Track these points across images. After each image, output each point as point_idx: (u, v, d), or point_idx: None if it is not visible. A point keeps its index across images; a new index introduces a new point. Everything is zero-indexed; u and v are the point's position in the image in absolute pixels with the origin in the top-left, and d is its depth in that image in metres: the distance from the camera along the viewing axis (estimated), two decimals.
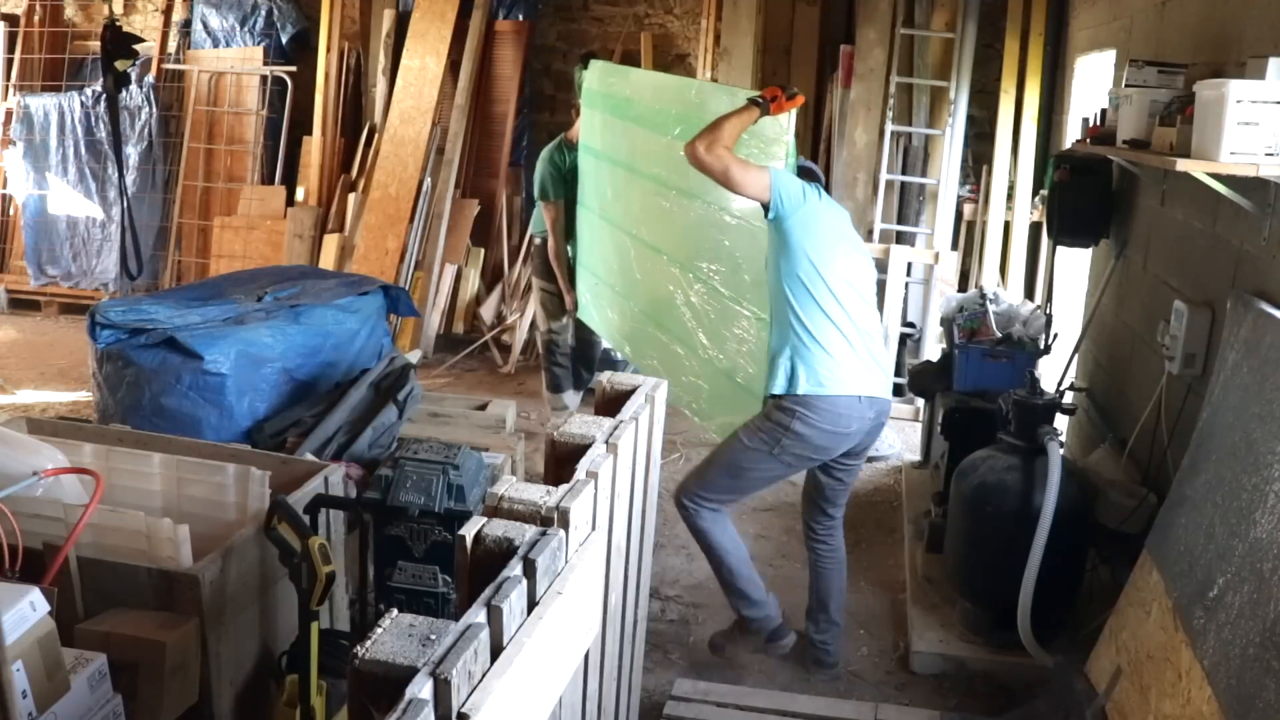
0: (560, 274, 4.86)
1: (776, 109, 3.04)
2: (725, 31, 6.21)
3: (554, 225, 4.79)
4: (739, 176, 2.87)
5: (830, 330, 2.94)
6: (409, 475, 2.46)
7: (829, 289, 2.93)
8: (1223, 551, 2.35)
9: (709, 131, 2.89)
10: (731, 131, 2.91)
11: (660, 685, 3.16)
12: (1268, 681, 2.00)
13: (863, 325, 2.99)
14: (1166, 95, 3.09)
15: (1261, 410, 2.41)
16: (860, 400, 2.96)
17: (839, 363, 2.94)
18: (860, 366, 2.96)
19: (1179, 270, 3.42)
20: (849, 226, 3.16)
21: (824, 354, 2.93)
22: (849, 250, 3.05)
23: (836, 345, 2.95)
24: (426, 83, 6.65)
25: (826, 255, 2.94)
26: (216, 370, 3.45)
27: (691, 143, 2.88)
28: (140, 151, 7.19)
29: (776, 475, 3.16)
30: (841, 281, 2.96)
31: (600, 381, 2.51)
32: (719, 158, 2.85)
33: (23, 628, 1.78)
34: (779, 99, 3.03)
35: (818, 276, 2.92)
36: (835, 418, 2.95)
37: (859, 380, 2.96)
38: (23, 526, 2.10)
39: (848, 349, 2.95)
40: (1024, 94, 5.73)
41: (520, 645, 1.41)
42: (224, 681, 2.30)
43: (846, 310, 2.96)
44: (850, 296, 2.98)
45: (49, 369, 6.10)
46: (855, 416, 2.96)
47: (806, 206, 2.94)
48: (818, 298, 2.93)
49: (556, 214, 4.79)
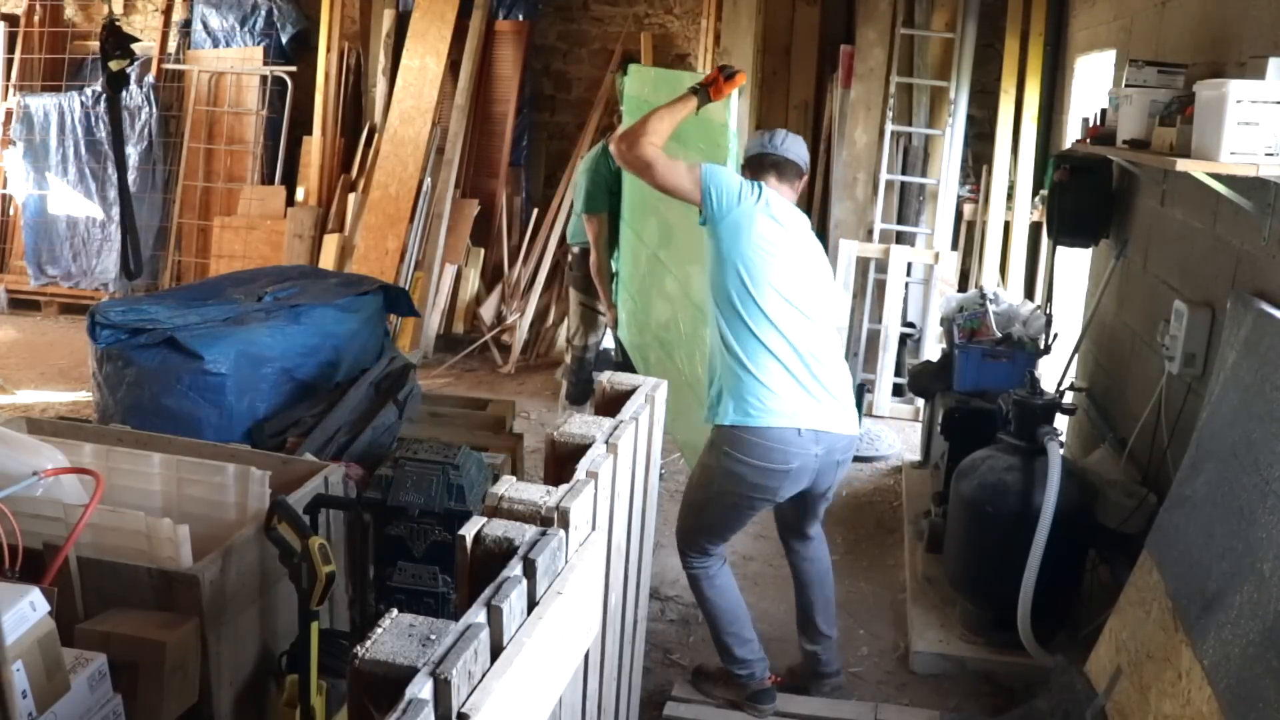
0: (602, 289, 4.55)
1: (716, 94, 2.74)
2: (725, 31, 6.21)
3: (597, 239, 4.48)
4: (663, 173, 2.58)
5: (761, 354, 2.61)
6: (409, 475, 2.47)
7: (759, 306, 2.60)
8: (1223, 551, 2.35)
9: (637, 124, 2.59)
10: (662, 124, 2.61)
11: (660, 685, 3.16)
12: (1268, 681, 2.00)
13: (807, 349, 2.65)
14: (1166, 95, 3.09)
15: (1261, 410, 2.41)
16: (800, 434, 2.63)
17: (772, 391, 2.61)
18: (801, 396, 2.63)
19: (1179, 270, 3.42)
20: (802, 234, 2.75)
21: (754, 381, 2.61)
22: (794, 262, 2.67)
23: (770, 371, 2.61)
24: (426, 83, 6.65)
25: (761, 266, 2.60)
26: (216, 370, 3.45)
27: (616, 138, 2.62)
28: (140, 151, 7.19)
29: (732, 517, 2.84)
30: (777, 298, 2.61)
31: (600, 381, 2.51)
32: (641, 152, 2.55)
33: (23, 628, 1.78)
34: (717, 82, 2.74)
35: (746, 291, 2.60)
36: (766, 451, 2.63)
37: (799, 412, 2.62)
38: (23, 526, 2.09)
39: (784, 376, 2.62)
40: (1024, 94, 5.73)
41: (520, 645, 1.41)
42: (224, 681, 2.30)
43: (783, 331, 2.62)
44: (789, 316, 2.63)
45: (49, 369, 6.09)
46: (795, 452, 2.63)
47: (741, 208, 2.60)
48: (746, 316, 2.61)
49: (600, 227, 4.48)
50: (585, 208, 4.49)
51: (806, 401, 2.64)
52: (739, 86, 2.77)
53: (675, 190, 2.61)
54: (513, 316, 6.62)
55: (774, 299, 2.61)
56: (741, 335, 2.62)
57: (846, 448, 2.78)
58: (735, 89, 2.77)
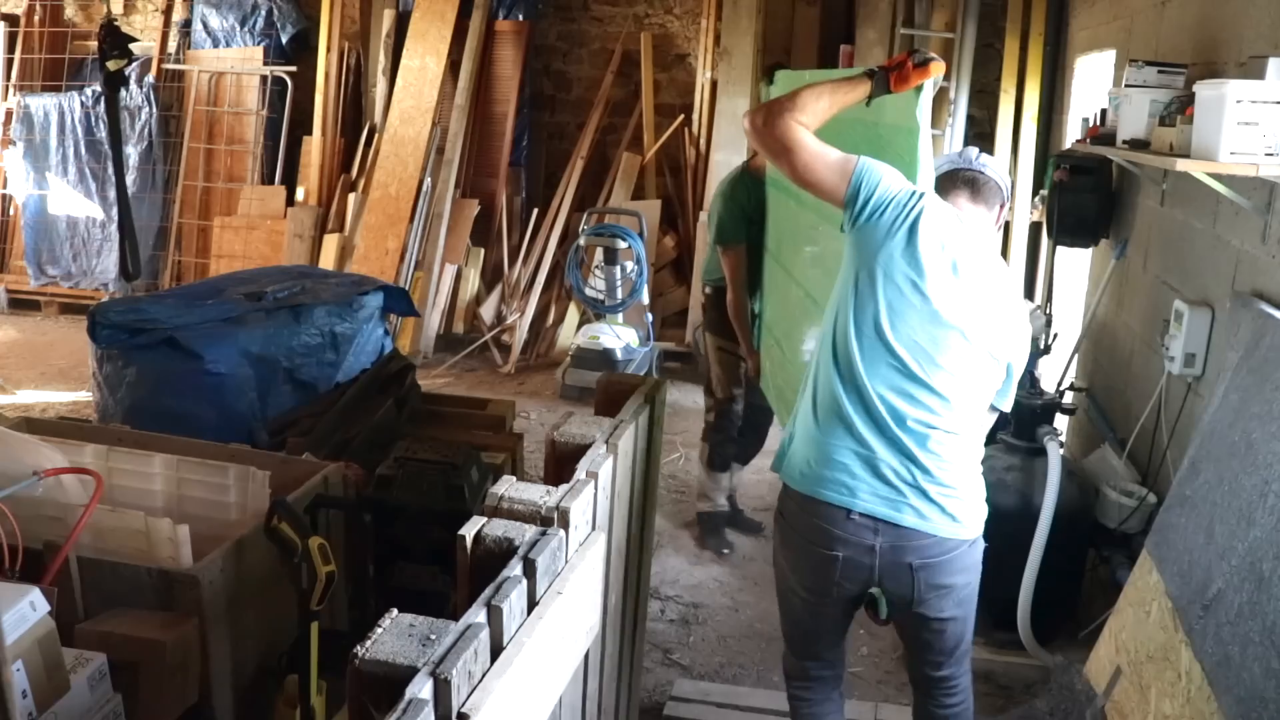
0: (741, 333, 3.91)
1: (899, 82, 2.08)
2: (725, 31, 6.21)
3: (734, 275, 3.84)
4: (808, 159, 1.99)
5: (835, 408, 2.06)
6: (409, 475, 2.47)
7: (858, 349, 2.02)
8: (1223, 551, 2.35)
9: (785, 97, 2.03)
10: (819, 102, 2.02)
11: (660, 685, 3.16)
12: (1268, 681, 2.00)
13: (910, 426, 2.01)
14: (1166, 95, 3.09)
15: (1261, 410, 2.41)
16: (852, 517, 2.04)
17: (830, 458, 2.06)
18: (865, 475, 2.04)
19: (1179, 270, 3.42)
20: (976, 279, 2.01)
21: (815, 435, 2.10)
22: (944, 309, 1.99)
23: (836, 433, 2.06)
24: (426, 83, 6.65)
25: (883, 297, 2.00)
26: (216, 370, 3.45)
27: (752, 111, 2.07)
28: (140, 151, 7.19)
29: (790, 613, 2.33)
30: (892, 348, 2.00)
31: (600, 381, 2.51)
32: (785, 130, 1.97)
33: (23, 628, 1.78)
34: (904, 67, 2.08)
35: (851, 321, 2.03)
36: (810, 526, 2.10)
37: (857, 490, 2.04)
38: (23, 526, 2.09)
39: (851, 446, 2.05)
40: (1024, 94, 5.73)
41: (520, 645, 1.41)
42: (224, 681, 2.30)
43: (877, 393, 2.01)
44: (897, 378, 2.01)
45: (49, 369, 6.09)
46: (840, 537, 2.06)
47: (887, 216, 1.99)
48: (840, 352, 2.06)
49: (737, 261, 3.84)
50: (720, 239, 3.89)
51: (871, 482, 2.04)
52: (932, 78, 2.09)
53: (819, 184, 2.03)
54: (513, 316, 6.62)
55: (883, 346, 2.00)
56: (825, 379, 2.08)
57: (928, 550, 2.06)
58: (928, 80, 2.09)
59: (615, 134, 7.13)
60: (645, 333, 6.08)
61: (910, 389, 2.00)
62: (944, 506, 2.05)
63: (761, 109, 2.04)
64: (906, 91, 2.11)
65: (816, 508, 2.08)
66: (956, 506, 2.06)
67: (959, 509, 2.07)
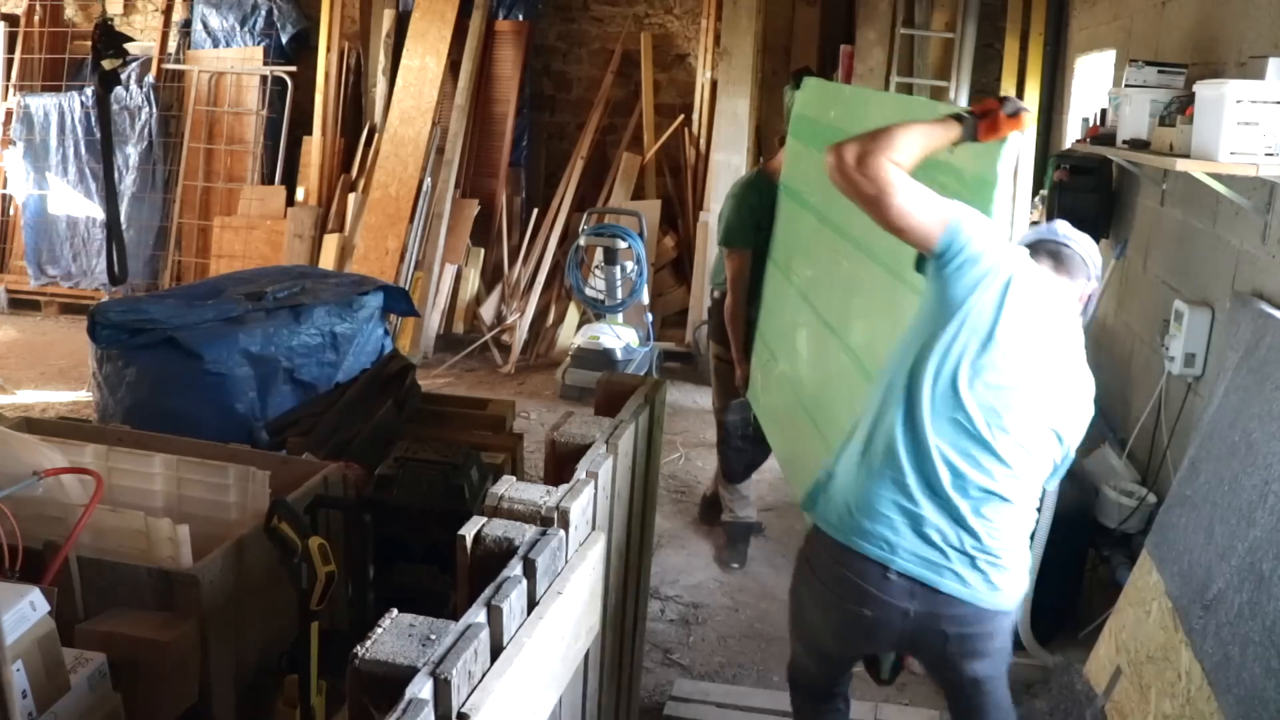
0: (734, 338, 3.79)
1: (988, 131, 1.98)
2: (725, 31, 6.21)
3: (735, 279, 3.74)
4: (904, 203, 1.85)
5: (889, 462, 1.93)
6: (409, 475, 2.47)
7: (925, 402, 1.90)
8: (1223, 551, 2.35)
9: (872, 136, 1.88)
10: (912, 144, 1.90)
11: (660, 685, 3.15)
12: (1268, 681, 2.01)
13: (975, 481, 1.90)
14: (1166, 95, 3.10)
15: (1261, 410, 2.41)
16: (889, 576, 1.93)
17: (876, 510, 1.93)
18: (910, 535, 1.92)
19: (1179, 270, 3.42)
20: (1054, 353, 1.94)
21: (862, 484, 1.96)
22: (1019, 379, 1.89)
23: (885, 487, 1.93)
24: (426, 83, 6.65)
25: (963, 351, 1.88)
26: (216, 370, 3.45)
27: (837, 147, 1.88)
28: (140, 151, 7.19)
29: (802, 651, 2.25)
30: (962, 407, 1.89)
31: (600, 381, 2.50)
32: (880, 172, 1.83)
33: (23, 628, 1.78)
34: (993, 115, 1.97)
35: (923, 372, 1.91)
36: (840, 579, 1.98)
37: (898, 547, 1.92)
38: (23, 527, 2.10)
39: (899, 504, 1.92)
40: (1024, 94, 5.72)
41: (520, 645, 1.41)
42: (224, 681, 2.30)
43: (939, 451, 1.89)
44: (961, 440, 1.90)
45: (49, 369, 6.09)
46: (873, 596, 1.94)
47: (982, 267, 1.87)
48: (902, 401, 1.93)
49: (740, 265, 3.74)
50: (725, 240, 3.79)
51: (914, 542, 1.92)
52: (1020, 130, 1.98)
53: (910, 230, 1.88)
54: (513, 316, 6.62)
55: (955, 401, 1.89)
56: (885, 424, 1.95)
57: (965, 620, 1.96)
58: (1016, 131, 1.98)
59: (615, 134, 7.13)
60: (645, 333, 6.08)
61: (972, 449, 1.90)
62: (988, 575, 1.94)
63: (852, 145, 1.87)
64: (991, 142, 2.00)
65: (851, 559, 1.96)
66: (1000, 576, 1.95)
67: (1002, 579, 1.95)
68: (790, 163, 3.66)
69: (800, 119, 3.61)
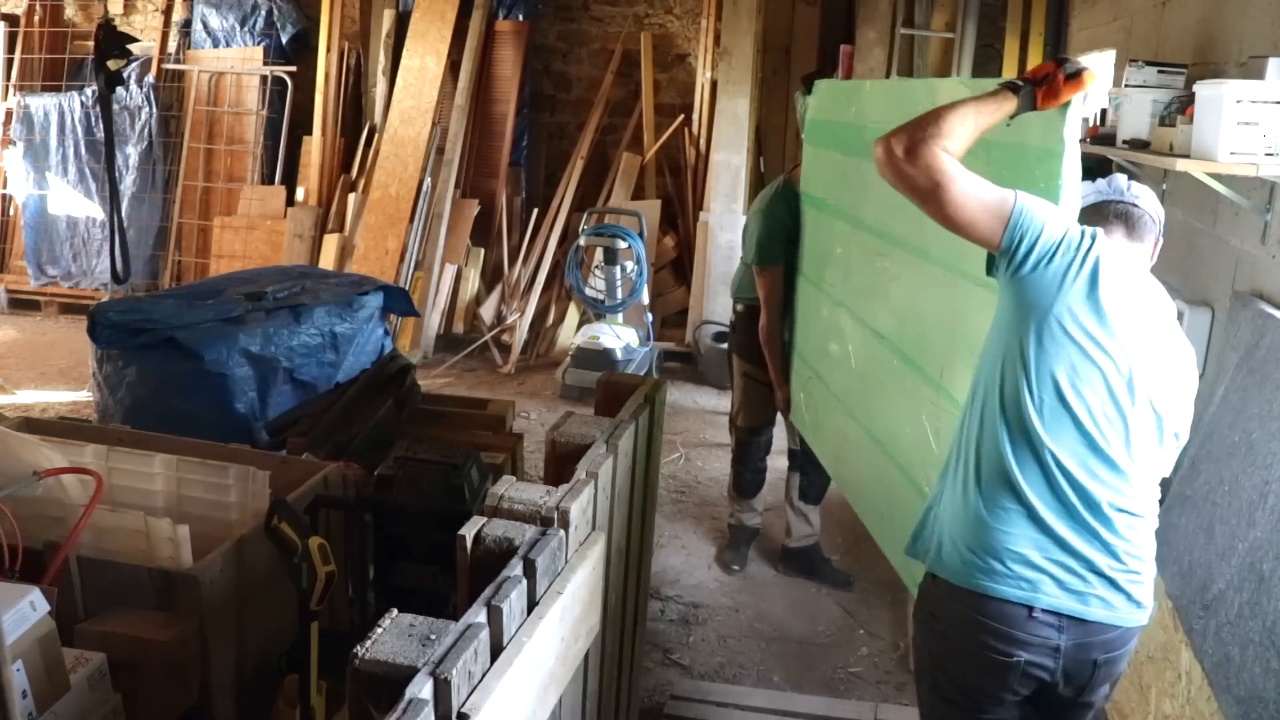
0: (771, 360, 3.64)
1: (1048, 98, 1.81)
2: (725, 31, 6.21)
3: (769, 297, 3.58)
4: (960, 195, 1.69)
5: (1010, 489, 1.78)
6: (409, 475, 2.46)
7: (1036, 420, 1.74)
8: (1223, 551, 2.35)
9: (920, 121, 1.72)
10: (964, 125, 1.73)
11: (660, 685, 3.16)
12: (1268, 681, 2.01)
13: (1097, 502, 1.76)
14: (1166, 95, 3.09)
15: (1261, 410, 2.41)
16: (1034, 615, 1.78)
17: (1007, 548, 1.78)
18: (1049, 564, 1.77)
19: (1179, 270, 3.42)
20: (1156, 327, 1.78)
21: (983, 523, 1.80)
22: (1126, 367, 1.74)
23: (1011, 518, 1.78)
24: (426, 83, 6.65)
25: (1064, 360, 1.72)
26: (216, 370, 3.45)
27: (885, 139, 1.73)
28: (140, 151, 7.20)
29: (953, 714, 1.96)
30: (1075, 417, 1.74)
31: (600, 381, 2.51)
32: (933, 161, 1.68)
33: (23, 628, 1.78)
34: (1052, 78, 1.80)
35: (1026, 391, 1.74)
36: (978, 631, 1.81)
37: (1040, 582, 1.77)
38: (23, 527, 2.10)
39: (1030, 530, 1.77)
40: None
41: (520, 645, 1.41)
42: (224, 681, 2.30)
43: (1063, 467, 1.75)
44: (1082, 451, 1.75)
45: (49, 369, 6.10)
46: (1021, 638, 1.79)
47: (1057, 264, 1.72)
48: (1009, 425, 1.77)
49: (774, 283, 3.57)
50: (758, 259, 3.60)
51: (1056, 573, 1.78)
52: (1084, 91, 1.82)
53: (969, 225, 1.73)
54: (513, 316, 6.62)
55: (1067, 415, 1.74)
56: (992, 451, 1.79)
57: (1114, 643, 1.84)
58: (1080, 93, 1.82)
59: (615, 134, 7.13)
60: (645, 333, 6.08)
61: (1097, 465, 1.76)
62: (1130, 593, 1.82)
63: (900, 135, 1.71)
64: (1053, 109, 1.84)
65: (987, 606, 1.79)
66: (1141, 591, 1.84)
67: (1143, 593, 1.84)
68: (809, 170, 3.57)
69: (815, 123, 3.54)
